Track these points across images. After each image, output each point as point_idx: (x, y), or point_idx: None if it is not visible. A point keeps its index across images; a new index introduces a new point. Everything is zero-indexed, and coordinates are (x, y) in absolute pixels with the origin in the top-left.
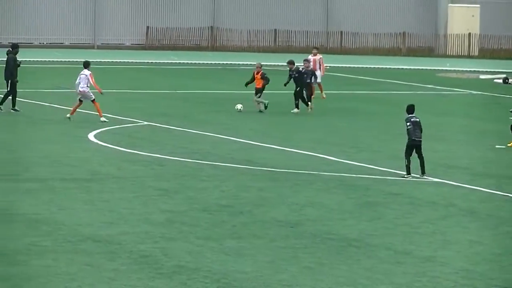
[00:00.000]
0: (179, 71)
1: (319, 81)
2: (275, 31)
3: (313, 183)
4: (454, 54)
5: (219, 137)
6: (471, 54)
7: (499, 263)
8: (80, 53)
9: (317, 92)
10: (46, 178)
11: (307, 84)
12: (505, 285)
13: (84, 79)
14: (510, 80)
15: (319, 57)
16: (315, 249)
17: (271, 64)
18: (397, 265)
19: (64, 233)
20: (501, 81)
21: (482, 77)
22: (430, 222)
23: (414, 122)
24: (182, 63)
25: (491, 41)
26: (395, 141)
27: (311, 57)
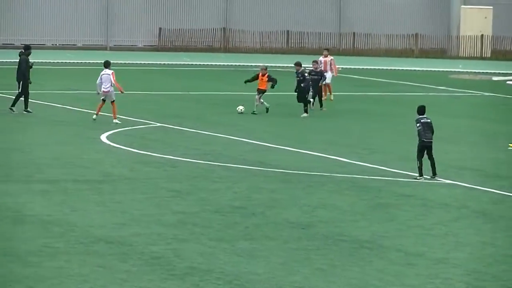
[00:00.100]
0: (192, 73)
1: (329, 82)
2: (287, 32)
3: (325, 184)
4: (466, 55)
5: (232, 139)
6: (483, 55)
7: None
8: (92, 55)
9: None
10: (58, 179)
11: (314, 86)
12: None
13: (107, 79)
14: None
15: (330, 58)
16: (328, 250)
17: (283, 65)
18: (409, 267)
19: (76, 235)
20: None
21: (494, 78)
22: (442, 223)
23: (424, 123)
24: (194, 64)
25: (504, 43)
26: (407, 143)
27: (322, 58)
